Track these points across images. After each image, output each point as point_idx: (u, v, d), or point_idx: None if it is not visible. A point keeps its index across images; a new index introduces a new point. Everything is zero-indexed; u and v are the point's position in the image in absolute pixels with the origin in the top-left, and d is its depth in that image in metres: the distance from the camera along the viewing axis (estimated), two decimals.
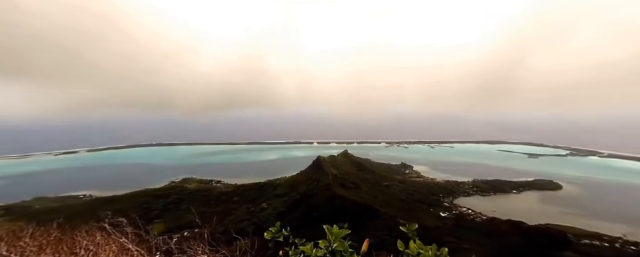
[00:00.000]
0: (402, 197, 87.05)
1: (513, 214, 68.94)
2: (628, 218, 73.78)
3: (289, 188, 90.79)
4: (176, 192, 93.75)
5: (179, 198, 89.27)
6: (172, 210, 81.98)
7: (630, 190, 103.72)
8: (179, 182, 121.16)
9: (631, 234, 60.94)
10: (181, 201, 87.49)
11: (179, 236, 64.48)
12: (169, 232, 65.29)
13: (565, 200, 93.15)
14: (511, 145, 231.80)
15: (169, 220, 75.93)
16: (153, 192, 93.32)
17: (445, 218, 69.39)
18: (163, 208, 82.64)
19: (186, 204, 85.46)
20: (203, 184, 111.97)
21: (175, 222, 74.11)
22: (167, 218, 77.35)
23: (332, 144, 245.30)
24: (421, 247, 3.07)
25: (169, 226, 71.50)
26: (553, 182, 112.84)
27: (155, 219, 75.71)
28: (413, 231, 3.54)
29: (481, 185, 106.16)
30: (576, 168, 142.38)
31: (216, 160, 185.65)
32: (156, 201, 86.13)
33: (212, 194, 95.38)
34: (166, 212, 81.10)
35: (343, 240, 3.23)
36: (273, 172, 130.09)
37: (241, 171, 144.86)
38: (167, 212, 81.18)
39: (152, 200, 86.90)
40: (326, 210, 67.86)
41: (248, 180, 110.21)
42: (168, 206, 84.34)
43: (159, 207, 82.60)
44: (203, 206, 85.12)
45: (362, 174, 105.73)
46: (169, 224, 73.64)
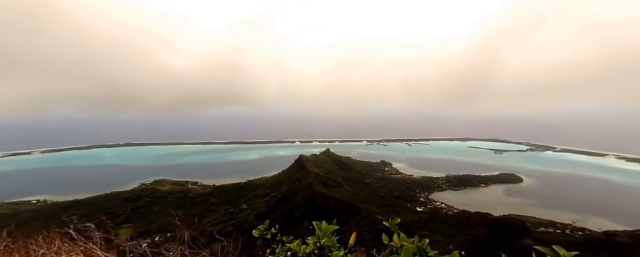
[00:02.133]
0: (382, 194, 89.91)
1: (480, 207, 74.51)
2: (577, 206, 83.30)
3: (270, 187, 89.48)
4: (147, 194, 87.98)
5: (149, 201, 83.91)
6: (142, 214, 76.91)
7: (579, 181, 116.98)
8: (151, 184, 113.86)
9: (579, 220, 68.98)
10: (152, 204, 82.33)
11: (149, 241, 60.78)
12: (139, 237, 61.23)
13: (524, 192, 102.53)
14: (480, 142, 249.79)
15: (138, 225, 71.15)
16: (119, 195, 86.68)
17: (421, 212, 72.96)
18: (131, 212, 77.19)
19: (158, 207, 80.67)
20: (178, 186, 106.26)
21: (145, 227, 69.67)
22: (136, 223, 72.42)
23: (314, 143, 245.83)
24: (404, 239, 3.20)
25: (139, 231, 67.01)
26: (515, 175, 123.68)
27: (123, 224, 70.53)
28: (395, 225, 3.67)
29: (453, 180, 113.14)
30: (534, 162, 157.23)
31: (192, 160, 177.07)
32: (123, 205, 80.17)
33: (187, 196, 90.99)
34: (135, 216, 75.87)
35: (331, 235, 3.25)
36: (253, 172, 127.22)
37: (219, 171, 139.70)
38: (137, 216, 75.99)
39: (119, 204, 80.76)
40: (308, 208, 67.91)
41: (227, 181, 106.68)
42: (138, 209, 78.96)
43: (127, 211, 77.02)
44: (178, 209, 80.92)
45: (344, 172, 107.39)
46: (139, 228, 69.04)
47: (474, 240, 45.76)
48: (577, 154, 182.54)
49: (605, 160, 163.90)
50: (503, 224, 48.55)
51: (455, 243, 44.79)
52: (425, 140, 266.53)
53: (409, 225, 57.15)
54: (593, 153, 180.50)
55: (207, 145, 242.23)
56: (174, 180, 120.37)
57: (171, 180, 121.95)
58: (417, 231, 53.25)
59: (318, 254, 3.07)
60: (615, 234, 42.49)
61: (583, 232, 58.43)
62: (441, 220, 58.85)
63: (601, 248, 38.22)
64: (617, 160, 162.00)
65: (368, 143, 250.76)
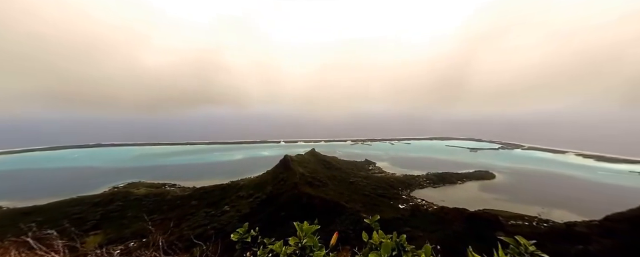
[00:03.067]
0: (366, 192, 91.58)
1: (458, 202, 78.35)
2: (542, 200, 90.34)
3: (254, 188, 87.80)
4: (119, 198, 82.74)
5: (122, 205, 79.01)
6: (114, 219, 72.23)
7: (544, 177, 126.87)
8: (124, 187, 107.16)
9: (544, 213, 74.79)
10: (125, 208, 77.59)
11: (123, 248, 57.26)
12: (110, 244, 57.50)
13: (497, 188, 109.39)
14: (457, 141, 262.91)
15: (110, 231, 66.78)
16: (88, 199, 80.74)
17: (403, 210, 75.34)
18: (101, 217, 72.22)
19: (132, 211, 76.14)
20: (154, 188, 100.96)
21: (117, 233, 65.56)
22: (107, 229, 67.89)
23: (300, 143, 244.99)
24: (382, 236, 3.30)
25: (110, 238, 62.97)
26: (489, 172, 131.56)
27: (91, 231, 65.80)
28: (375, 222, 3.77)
29: (433, 177, 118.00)
30: (505, 160, 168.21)
31: (170, 161, 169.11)
32: (92, 210, 74.79)
33: (165, 198, 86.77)
34: (106, 221, 71.09)
35: (312, 235, 3.26)
36: (237, 172, 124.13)
37: (200, 173, 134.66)
38: (107, 221, 71.24)
39: (87, 209, 75.23)
40: (294, 209, 67.52)
41: (208, 182, 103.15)
42: (109, 214, 74.05)
43: (96, 217, 71.96)
44: (154, 213, 76.98)
45: (329, 172, 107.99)
46: (110, 235, 64.86)
47: (452, 235, 48.04)
48: (542, 152, 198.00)
49: (565, 156, 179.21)
50: (478, 218, 51.44)
51: (434, 238, 46.72)
52: (406, 139, 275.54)
53: (392, 222, 58.75)
54: (555, 150, 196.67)
55: (187, 145, 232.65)
56: (150, 183, 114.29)
57: (147, 182, 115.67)
58: (399, 227, 54.90)
59: (299, 255, 3.07)
60: (575, 224, 46.67)
61: (548, 223, 63.43)
62: (422, 217, 61.16)
63: (562, 238, 41.79)
64: (575, 156, 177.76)
65: (353, 143, 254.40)
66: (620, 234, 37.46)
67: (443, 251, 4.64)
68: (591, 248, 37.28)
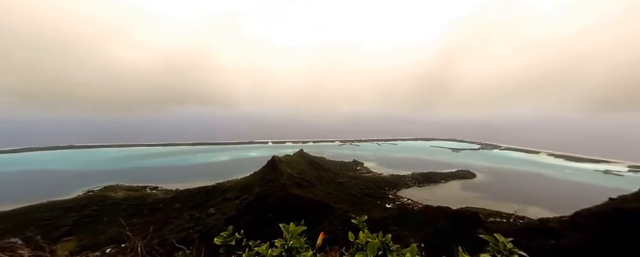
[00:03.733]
0: (354, 192, 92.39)
1: (441, 201, 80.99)
2: (518, 197, 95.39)
3: (241, 190, 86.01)
4: (95, 202, 78.09)
5: (98, 209, 74.63)
6: (88, 225, 68.05)
7: (519, 176, 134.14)
8: (99, 190, 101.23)
9: (520, 210, 78.95)
10: (101, 213, 73.34)
11: (98, 254, 54.14)
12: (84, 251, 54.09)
13: (478, 187, 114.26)
14: (441, 141, 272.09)
15: (84, 237, 62.80)
16: (59, 205, 75.50)
17: (390, 209, 76.68)
18: (74, 223, 67.81)
19: (109, 216, 72.08)
20: (134, 192, 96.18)
21: (91, 239, 61.81)
22: (80, 235, 63.79)
23: (288, 144, 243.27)
24: (369, 236, 3.34)
25: (84, 244, 59.24)
26: (470, 171, 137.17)
27: (63, 237, 61.58)
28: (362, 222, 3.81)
29: (418, 177, 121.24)
30: (485, 160, 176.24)
31: (152, 163, 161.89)
32: (64, 216, 70.07)
33: (145, 202, 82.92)
34: (79, 227, 66.82)
35: (299, 236, 3.23)
36: (223, 174, 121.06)
37: (184, 175, 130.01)
38: (81, 227, 66.99)
39: (58, 214, 70.37)
40: (281, 210, 66.79)
41: (193, 184, 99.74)
42: (83, 220, 69.69)
43: (69, 222, 67.49)
44: (133, 217, 73.37)
45: (317, 173, 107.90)
46: (84, 241, 61.02)
47: (436, 233, 49.54)
48: (517, 152, 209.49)
49: (538, 156, 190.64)
50: (460, 216, 53.43)
51: (419, 236, 47.94)
52: (393, 140, 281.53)
53: (380, 221, 59.66)
54: (529, 151, 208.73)
55: (169, 147, 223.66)
56: (129, 186, 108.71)
57: (126, 185, 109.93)
58: (386, 227, 55.84)
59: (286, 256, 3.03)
60: (548, 220, 49.69)
61: (523, 220, 67.04)
62: (408, 216, 62.55)
63: (536, 234, 44.34)
64: (547, 156, 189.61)
65: (341, 143, 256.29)
66: (587, 229, 40.29)
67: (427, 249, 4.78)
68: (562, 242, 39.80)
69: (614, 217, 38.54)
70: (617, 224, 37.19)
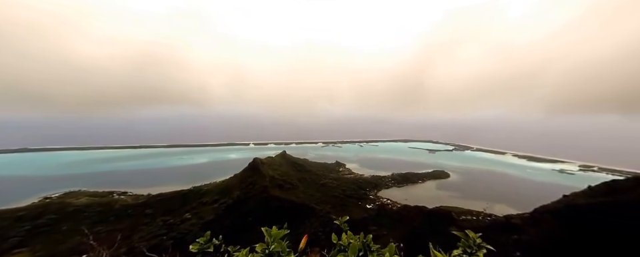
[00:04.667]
0: (336, 193, 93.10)
1: (418, 201, 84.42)
2: (486, 196, 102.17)
3: (219, 193, 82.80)
4: (53, 210, 70.74)
5: (56, 217, 67.72)
6: (44, 235, 61.53)
7: (488, 175, 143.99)
8: (59, 197, 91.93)
9: (488, 208, 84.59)
10: (60, 221, 66.64)
11: None
12: None
13: (451, 186, 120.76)
14: (418, 143, 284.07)
15: (39, 248, 56.63)
16: (8, 213, 67.40)
17: (370, 209, 78.37)
18: (27, 233, 60.92)
19: (70, 224, 65.68)
20: (99, 198, 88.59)
21: (47, 250, 56.05)
22: (35, 246, 57.43)
23: (270, 145, 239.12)
24: (351, 237, 3.41)
25: (39, 256, 53.42)
26: (444, 172, 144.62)
27: (14, 249, 55.03)
28: (344, 223, 3.87)
29: (397, 177, 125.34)
30: (458, 160, 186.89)
31: (120, 167, 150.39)
32: (14, 225, 62.73)
33: (112, 208, 76.76)
34: (33, 237, 60.19)
35: (281, 240, 3.20)
36: (200, 177, 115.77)
37: (157, 178, 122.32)
38: (36, 237, 60.40)
39: (8, 224, 62.89)
40: (263, 213, 65.41)
41: (167, 189, 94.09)
42: (37, 229, 62.82)
43: (20, 233, 60.47)
44: (98, 225, 67.56)
45: (300, 174, 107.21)
46: (39, 252, 55.10)
47: (412, 231, 51.50)
48: (486, 153, 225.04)
49: (504, 157, 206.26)
50: (435, 215, 56.10)
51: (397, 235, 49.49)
52: (374, 141, 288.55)
53: (360, 222, 60.72)
54: (496, 151, 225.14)
55: (141, 149, 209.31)
56: (93, 191, 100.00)
57: (89, 191, 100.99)
58: (366, 227, 56.96)
59: None
60: (512, 217, 53.83)
61: (491, 217, 71.95)
62: (387, 215, 64.33)
63: (502, 230, 47.86)
64: (512, 157, 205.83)
65: (324, 145, 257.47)
66: (545, 224, 44.28)
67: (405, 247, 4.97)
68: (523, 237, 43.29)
69: (566, 212, 42.74)
70: (568, 219, 41.29)
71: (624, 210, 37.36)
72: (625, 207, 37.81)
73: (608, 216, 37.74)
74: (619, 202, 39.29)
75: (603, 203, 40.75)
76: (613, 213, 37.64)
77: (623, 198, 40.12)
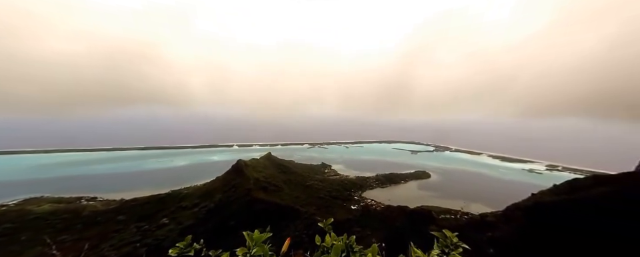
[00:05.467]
0: (321, 195, 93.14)
1: (401, 201, 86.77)
2: (464, 195, 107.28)
3: (200, 197, 79.76)
4: (9, 218, 64.41)
5: (14, 227, 61.75)
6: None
7: (465, 175, 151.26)
8: (17, 204, 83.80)
9: (465, 206, 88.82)
10: (18, 230, 60.81)
11: None
12: None
13: (432, 186, 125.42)
14: (401, 144, 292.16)
15: None
16: None
17: (355, 210, 79.23)
18: None
19: (30, 233, 60.03)
20: (64, 204, 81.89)
21: None
22: None
23: (255, 147, 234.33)
24: (335, 239, 3.43)
25: None
26: (425, 172, 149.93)
27: None
28: (328, 225, 3.89)
29: (381, 178, 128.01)
30: (438, 161, 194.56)
31: (90, 171, 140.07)
32: None
33: (79, 215, 71.31)
34: None
35: (263, 244, 3.15)
36: (180, 180, 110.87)
37: (131, 183, 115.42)
38: None
39: None
40: (246, 216, 63.86)
41: (142, 193, 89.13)
42: None
43: None
44: (62, 234, 62.48)
45: (285, 176, 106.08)
46: None
47: (395, 231, 52.73)
48: (464, 153, 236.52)
49: (480, 157, 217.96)
50: (417, 214, 57.88)
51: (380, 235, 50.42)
52: (359, 143, 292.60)
53: (345, 223, 61.10)
54: (473, 152, 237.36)
55: (114, 152, 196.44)
56: (59, 197, 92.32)
57: (54, 197, 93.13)
58: (350, 228, 57.47)
59: None
60: (486, 215, 56.89)
61: (468, 215, 75.58)
62: (371, 216, 65.33)
63: (477, 228, 50.44)
64: (487, 157, 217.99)
65: (309, 146, 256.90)
66: (515, 221, 47.24)
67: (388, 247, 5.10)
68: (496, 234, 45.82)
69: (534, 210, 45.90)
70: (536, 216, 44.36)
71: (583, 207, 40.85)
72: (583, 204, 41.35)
73: (569, 212, 41.08)
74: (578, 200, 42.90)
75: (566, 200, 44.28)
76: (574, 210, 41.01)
77: (582, 196, 43.88)
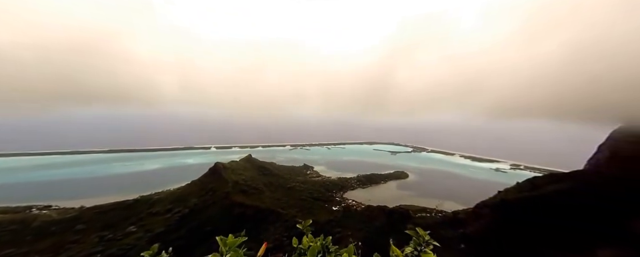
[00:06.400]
0: (303, 197, 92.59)
1: (380, 201, 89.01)
2: (439, 194, 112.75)
3: (173, 202, 75.48)
4: None
5: None
6: None
7: (440, 175, 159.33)
8: None
9: (440, 205, 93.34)
10: None
11: None
12: None
13: (410, 186, 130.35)
14: (381, 145, 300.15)
15: None
16: None
17: (336, 211, 79.78)
18: None
19: None
20: (11, 214, 72.95)
21: None
22: None
23: (234, 149, 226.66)
24: (312, 240, 3.43)
25: None
26: (404, 172, 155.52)
27: None
28: (307, 227, 3.88)
29: (362, 179, 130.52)
30: (415, 161, 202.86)
31: (43, 176, 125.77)
32: None
33: (29, 226, 64.06)
34: None
35: (237, 248, 3.05)
36: (150, 185, 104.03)
37: (92, 189, 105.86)
38: None
39: None
40: (224, 221, 61.46)
41: (106, 199, 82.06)
42: None
43: None
44: (8, 246, 55.81)
45: (266, 179, 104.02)
46: None
47: (374, 230, 53.95)
48: (439, 154, 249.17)
49: (453, 158, 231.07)
50: (395, 213, 59.80)
51: (360, 235, 51.27)
52: (341, 144, 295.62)
53: (326, 224, 61.29)
54: (447, 153, 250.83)
55: (72, 155, 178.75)
56: (4, 207, 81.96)
57: None
58: (332, 229, 57.74)
59: None
60: (458, 212, 60.39)
61: (442, 213, 79.55)
62: (352, 216, 66.27)
63: (450, 224, 53.36)
64: (459, 157, 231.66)
65: (292, 147, 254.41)
66: (484, 217, 50.62)
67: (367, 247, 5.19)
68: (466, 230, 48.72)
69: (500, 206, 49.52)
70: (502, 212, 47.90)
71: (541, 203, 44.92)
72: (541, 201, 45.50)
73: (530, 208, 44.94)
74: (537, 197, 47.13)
75: (527, 197, 48.41)
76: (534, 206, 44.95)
77: (540, 193, 48.26)
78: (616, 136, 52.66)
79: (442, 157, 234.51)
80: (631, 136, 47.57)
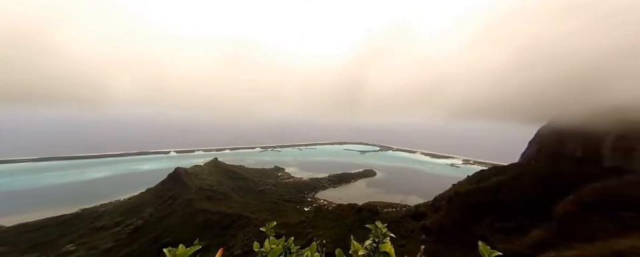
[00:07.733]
0: (273, 199, 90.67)
1: (351, 199, 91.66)
2: (403, 189, 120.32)
3: (124, 214, 67.73)
4: None
5: None
6: None
7: (404, 171, 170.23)
8: None
9: (405, 200, 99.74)
10: None
11: None
12: None
13: (377, 183, 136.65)
14: (352, 145, 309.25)
15: None
16: None
17: (308, 212, 79.76)
18: None
19: None
20: None
21: None
22: None
23: (198, 153, 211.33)
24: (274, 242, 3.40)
25: None
26: (372, 170, 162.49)
27: None
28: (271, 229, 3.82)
29: (333, 178, 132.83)
30: (382, 159, 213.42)
31: None
32: None
33: None
34: None
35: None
36: (94, 196, 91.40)
37: (18, 203, 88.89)
38: None
39: None
40: (186, 230, 56.99)
41: (35, 216, 69.91)
42: None
43: None
44: None
45: (234, 183, 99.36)
46: None
47: (345, 228, 55.36)
48: (403, 152, 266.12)
49: (415, 155, 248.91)
50: (364, 210, 62.16)
51: (331, 234, 52.15)
52: (313, 144, 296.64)
53: (298, 225, 60.90)
54: (410, 151, 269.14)
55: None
56: None
57: None
58: (304, 230, 57.63)
59: None
60: (420, 206, 65.26)
61: (406, 207, 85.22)
62: (323, 216, 66.94)
63: (413, 217, 57.38)
64: (420, 154, 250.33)
65: (262, 150, 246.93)
66: (441, 209, 55.48)
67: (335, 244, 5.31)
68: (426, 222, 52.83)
69: (454, 198, 54.75)
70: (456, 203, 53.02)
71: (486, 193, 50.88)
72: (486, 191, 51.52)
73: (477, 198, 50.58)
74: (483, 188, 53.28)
75: (475, 189, 54.37)
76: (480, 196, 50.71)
77: (485, 185, 54.65)
78: (542, 132, 62.40)
79: (406, 155, 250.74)
80: (554, 133, 56.76)
